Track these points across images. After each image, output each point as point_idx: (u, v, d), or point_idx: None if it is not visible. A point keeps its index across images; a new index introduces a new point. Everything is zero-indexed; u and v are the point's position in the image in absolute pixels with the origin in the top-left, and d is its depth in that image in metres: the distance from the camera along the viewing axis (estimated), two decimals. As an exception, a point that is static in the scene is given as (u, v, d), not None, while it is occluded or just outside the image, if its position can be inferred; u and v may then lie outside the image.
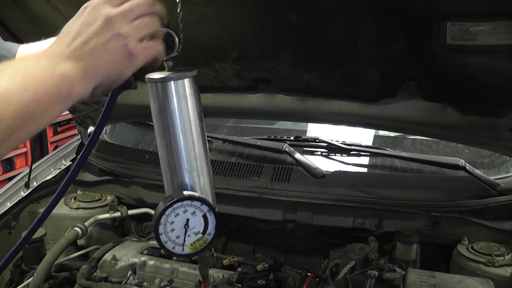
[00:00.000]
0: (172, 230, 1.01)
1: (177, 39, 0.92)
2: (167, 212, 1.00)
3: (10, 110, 0.63)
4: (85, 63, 0.73)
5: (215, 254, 1.75)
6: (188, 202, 1.01)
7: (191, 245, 1.03)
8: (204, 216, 1.03)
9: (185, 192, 1.02)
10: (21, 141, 0.68)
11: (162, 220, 1.00)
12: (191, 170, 1.02)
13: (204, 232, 1.04)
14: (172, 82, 0.96)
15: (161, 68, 0.95)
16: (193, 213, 1.02)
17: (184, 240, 1.02)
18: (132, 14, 0.79)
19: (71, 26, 0.77)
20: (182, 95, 0.98)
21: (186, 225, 1.02)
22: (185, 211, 1.01)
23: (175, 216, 1.01)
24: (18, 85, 0.65)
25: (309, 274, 1.65)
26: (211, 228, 1.04)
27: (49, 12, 1.51)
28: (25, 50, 1.13)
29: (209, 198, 1.05)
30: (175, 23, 0.93)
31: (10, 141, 0.65)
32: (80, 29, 0.75)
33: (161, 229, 1.01)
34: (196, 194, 1.03)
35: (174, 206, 1.00)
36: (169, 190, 1.05)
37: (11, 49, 1.13)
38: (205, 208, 1.02)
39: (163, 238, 1.01)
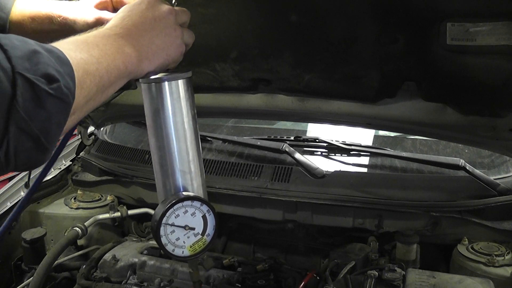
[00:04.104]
0: (172, 232, 1.00)
1: None
2: (168, 214, 0.99)
3: (88, 79, 0.70)
4: (147, 49, 0.83)
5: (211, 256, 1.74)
6: (189, 202, 1.00)
7: (190, 247, 1.02)
8: (204, 217, 1.02)
9: (184, 193, 1.01)
10: (92, 108, 0.76)
11: (163, 221, 0.99)
12: (185, 172, 1.01)
13: (203, 233, 1.03)
14: (166, 82, 0.96)
15: None
16: (193, 213, 1.01)
17: (184, 242, 1.01)
18: (181, 17, 0.91)
19: (135, 10, 0.85)
20: (176, 96, 0.97)
21: (186, 226, 1.01)
22: (185, 212, 1.00)
23: (175, 218, 1.00)
24: (95, 58, 0.72)
25: (309, 273, 1.65)
26: (210, 229, 1.03)
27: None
28: (23, 5, 1.12)
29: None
30: None
31: (86, 107, 0.72)
32: (146, 15, 0.84)
33: (162, 231, 1.00)
34: (196, 195, 1.02)
35: (175, 207, 0.99)
36: (163, 192, 1.04)
37: (5, 6, 1.10)
38: (205, 208, 1.02)
39: (163, 240, 1.00)
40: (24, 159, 0.62)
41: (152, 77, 0.96)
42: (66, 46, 0.69)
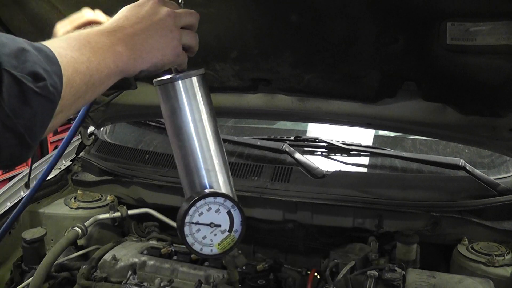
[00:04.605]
0: (198, 230, 0.98)
1: None
2: (190, 212, 0.97)
3: (78, 78, 0.69)
4: (141, 48, 0.82)
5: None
6: (211, 199, 0.98)
7: (218, 245, 1.00)
8: (229, 213, 1.00)
9: (206, 190, 1.00)
10: (81, 107, 0.76)
11: (187, 220, 0.97)
12: (209, 169, 1.00)
13: (230, 230, 1.01)
14: (180, 81, 0.96)
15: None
16: (217, 210, 0.99)
17: (211, 240, 0.99)
18: (184, 19, 0.90)
19: (133, 11, 0.85)
20: (192, 93, 0.97)
21: (212, 223, 0.99)
22: (209, 209, 0.98)
23: (199, 216, 0.98)
24: (85, 56, 0.72)
25: (311, 272, 1.65)
26: (237, 225, 1.01)
27: (49, 12, 1.51)
28: None
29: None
30: None
31: (75, 105, 0.72)
32: (143, 16, 0.84)
33: (186, 230, 0.98)
34: (219, 191, 1.00)
35: (197, 204, 0.97)
36: (188, 191, 1.02)
37: None
38: (229, 204, 1.00)
39: (189, 239, 0.98)
40: (7, 156, 0.62)
41: (166, 77, 0.96)
42: (57, 44, 0.70)
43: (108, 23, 0.83)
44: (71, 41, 0.73)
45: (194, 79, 0.98)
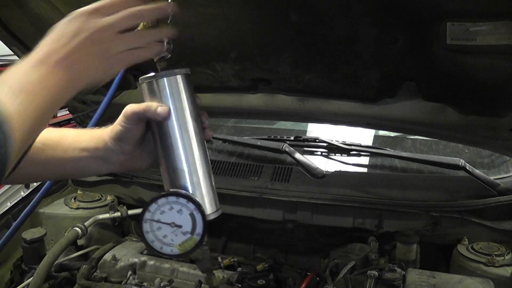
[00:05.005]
0: (159, 228, 0.97)
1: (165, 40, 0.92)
2: (152, 209, 0.96)
3: (28, 123, 0.72)
4: (73, 71, 0.81)
5: (219, 258, 1.73)
6: (173, 198, 0.97)
7: (180, 246, 0.98)
8: (192, 215, 0.98)
9: (172, 189, 0.99)
10: (35, 138, 0.80)
11: (147, 216, 0.96)
12: (189, 170, 0.99)
13: (192, 232, 0.98)
14: (165, 78, 0.96)
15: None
16: (180, 211, 0.97)
17: (172, 240, 0.98)
18: (120, 26, 0.86)
19: (61, 31, 0.83)
20: (176, 92, 0.97)
21: (173, 223, 0.97)
22: (171, 209, 0.97)
23: (160, 214, 0.97)
24: (29, 99, 0.73)
25: (309, 274, 1.65)
26: (199, 228, 0.98)
27: (49, 12, 1.51)
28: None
29: (208, 200, 1.01)
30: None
31: (29, 141, 0.76)
32: (70, 37, 0.82)
33: (146, 227, 0.96)
34: (183, 191, 0.99)
35: (159, 202, 0.96)
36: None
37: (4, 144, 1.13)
38: (191, 206, 0.97)
39: (149, 237, 0.97)
40: None
41: (150, 74, 0.96)
42: (2, 89, 0.70)
43: (40, 48, 0.81)
44: (13, 84, 0.72)
45: (179, 77, 0.97)
